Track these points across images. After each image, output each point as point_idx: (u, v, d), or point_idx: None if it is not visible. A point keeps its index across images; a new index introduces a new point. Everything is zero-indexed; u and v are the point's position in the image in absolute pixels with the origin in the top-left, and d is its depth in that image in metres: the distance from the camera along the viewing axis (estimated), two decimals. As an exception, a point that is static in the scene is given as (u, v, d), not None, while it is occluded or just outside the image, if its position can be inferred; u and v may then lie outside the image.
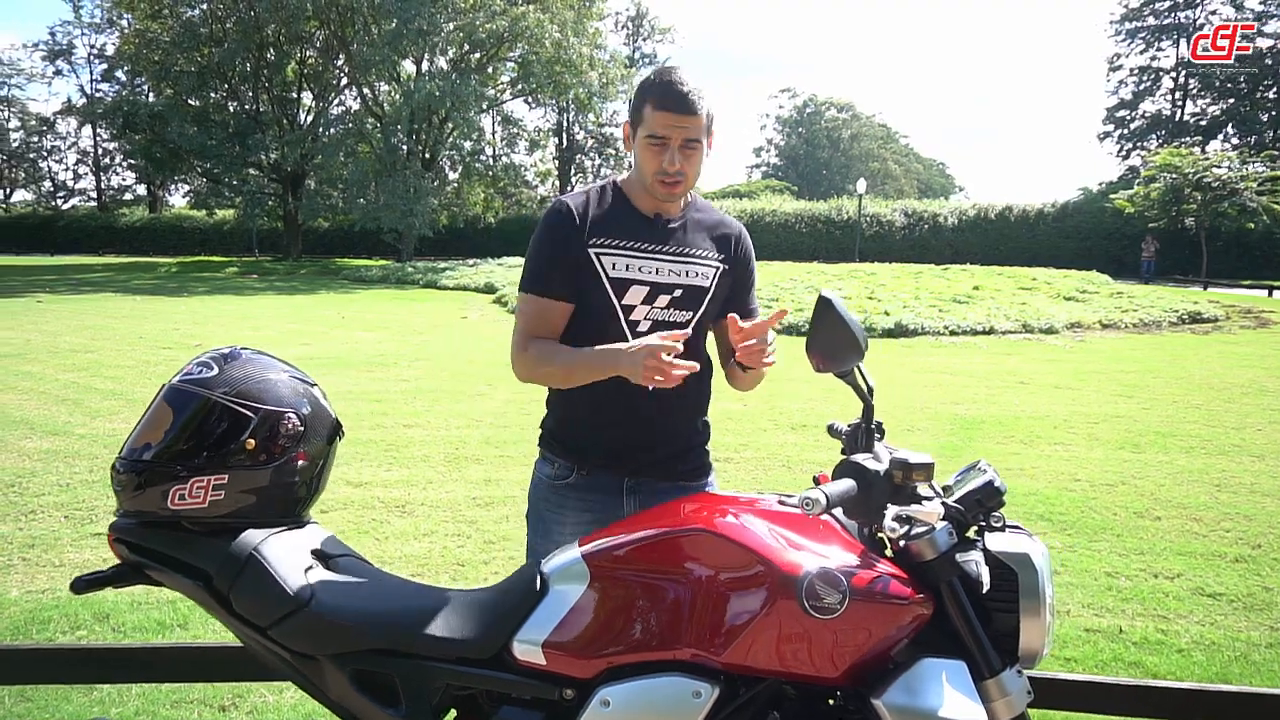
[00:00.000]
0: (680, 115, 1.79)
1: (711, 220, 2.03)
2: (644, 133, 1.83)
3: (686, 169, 1.84)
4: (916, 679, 1.28)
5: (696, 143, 1.83)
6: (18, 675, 2.57)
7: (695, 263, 1.94)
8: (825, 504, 1.22)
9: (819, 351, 1.45)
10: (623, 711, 1.29)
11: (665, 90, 1.80)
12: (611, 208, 1.93)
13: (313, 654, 1.40)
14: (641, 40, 45.94)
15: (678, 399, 1.88)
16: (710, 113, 1.84)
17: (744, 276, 2.03)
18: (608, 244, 1.88)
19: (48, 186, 53.45)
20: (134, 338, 12.69)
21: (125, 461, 1.43)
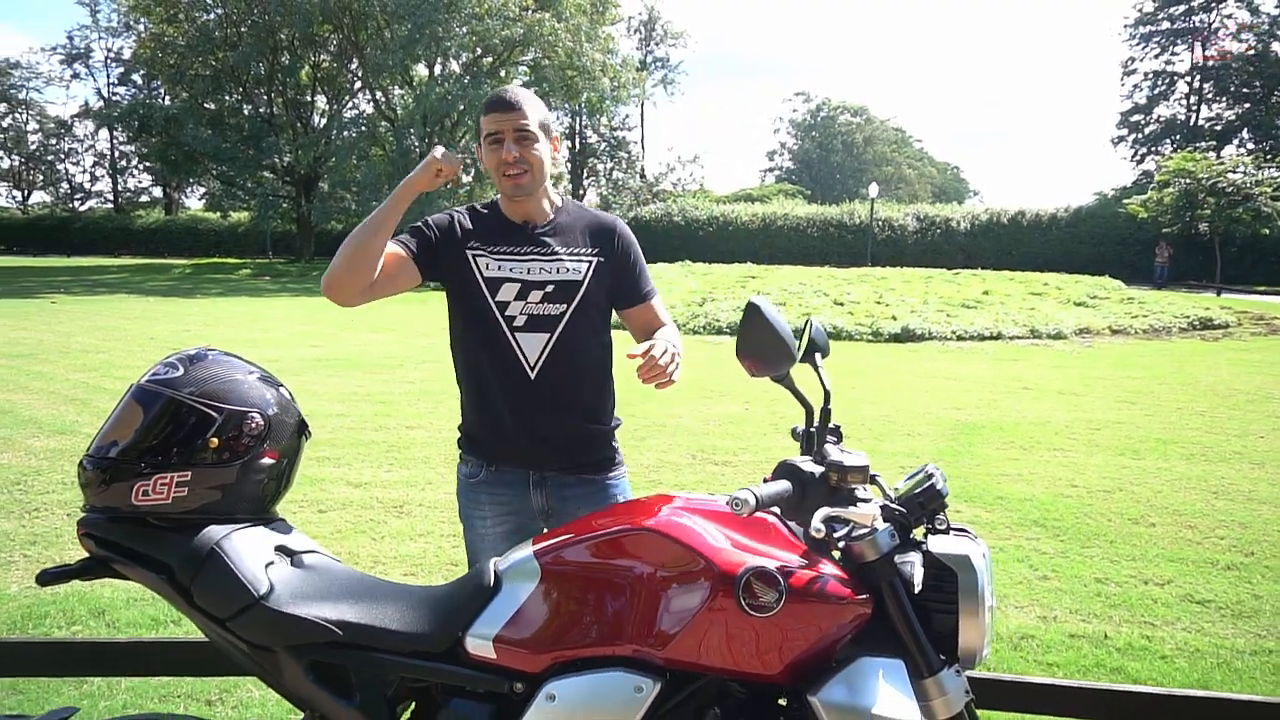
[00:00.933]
0: (505, 112, 1.98)
1: (585, 219, 2.17)
2: (484, 136, 2.02)
3: (526, 157, 1.99)
4: (853, 677, 1.31)
5: (528, 133, 1.99)
6: (11, 668, 2.64)
7: (565, 259, 2.08)
8: (754, 504, 1.25)
9: (749, 356, 1.49)
10: (567, 705, 1.33)
11: (491, 99, 2.03)
12: (487, 219, 2.12)
13: (270, 646, 1.44)
14: (654, 44, 46.06)
15: (565, 390, 2.03)
16: (541, 111, 2.04)
17: (626, 266, 2.16)
18: (481, 248, 2.05)
19: (65, 188, 54.04)
20: (145, 339, 12.83)
21: (92, 459, 1.48)
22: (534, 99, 2.03)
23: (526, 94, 2.02)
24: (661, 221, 36.43)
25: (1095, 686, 2.00)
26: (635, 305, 2.16)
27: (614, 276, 2.11)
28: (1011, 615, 3.76)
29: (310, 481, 5.57)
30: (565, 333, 2.01)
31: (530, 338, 2.00)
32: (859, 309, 14.84)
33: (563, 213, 2.13)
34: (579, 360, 2.05)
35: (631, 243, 2.18)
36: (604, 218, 2.18)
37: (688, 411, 7.82)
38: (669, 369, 1.85)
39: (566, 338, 2.02)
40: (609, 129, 44.21)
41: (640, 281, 2.17)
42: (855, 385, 9.21)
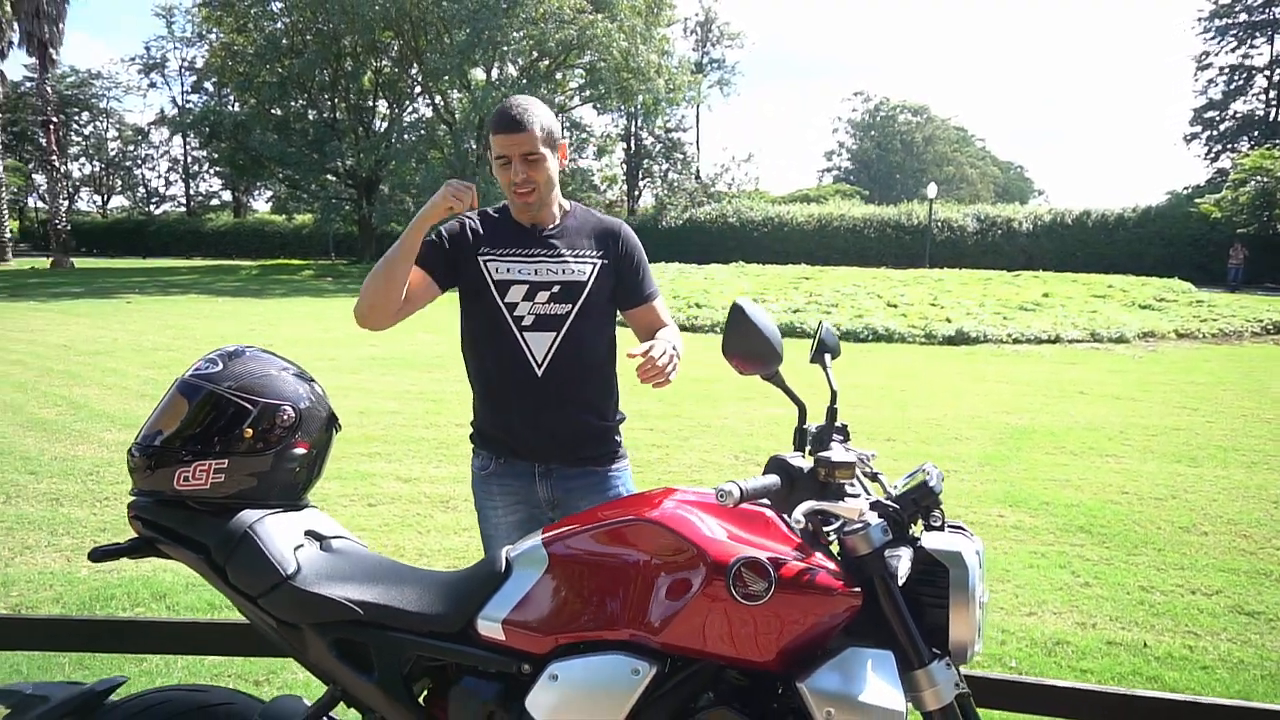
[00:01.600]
0: (513, 134, 2.04)
1: (590, 223, 2.26)
2: (493, 155, 2.10)
3: (534, 177, 2.07)
4: (842, 666, 1.35)
5: (536, 154, 2.06)
6: (81, 644, 2.82)
7: (571, 261, 2.17)
8: (739, 496, 1.30)
9: (736, 355, 1.53)
10: (568, 685, 1.40)
11: (499, 117, 2.06)
12: (498, 224, 2.21)
13: (297, 623, 1.54)
14: (710, 45, 45.96)
15: (571, 387, 2.11)
16: (547, 127, 2.08)
17: (629, 267, 2.24)
18: (492, 253, 2.16)
19: (142, 193, 56.24)
20: (213, 337, 13.32)
21: (139, 446, 1.60)
22: (539, 113, 2.07)
23: (532, 109, 2.06)
24: (716, 223, 36.38)
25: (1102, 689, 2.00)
26: (638, 306, 2.25)
27: (617, 278, 2.20)
28: (1048, 621, 3.72)
29: (362, 476, 5.76)
30: (570, 331, 2.11)
31: (538, 336, 2.10)
32: (913, 311, 14.65)
33: (570, 216, 2.22)
34: (584, 358, 2.14)
35: (635, 245, 2.26)
36: (608, 221, 2.26)
37: (734, 413, 7.85)
38: (667, 369, 1.91)
39: (572, 336, 2.11)
40: (664, 130, 44.27)
41: (643, 283, 2.25)
42: (905, 388, 9.12)
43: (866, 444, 6.58)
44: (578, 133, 39.47)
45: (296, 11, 31.19)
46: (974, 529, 4.77)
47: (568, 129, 39.61)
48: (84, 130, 54.27)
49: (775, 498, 1.41)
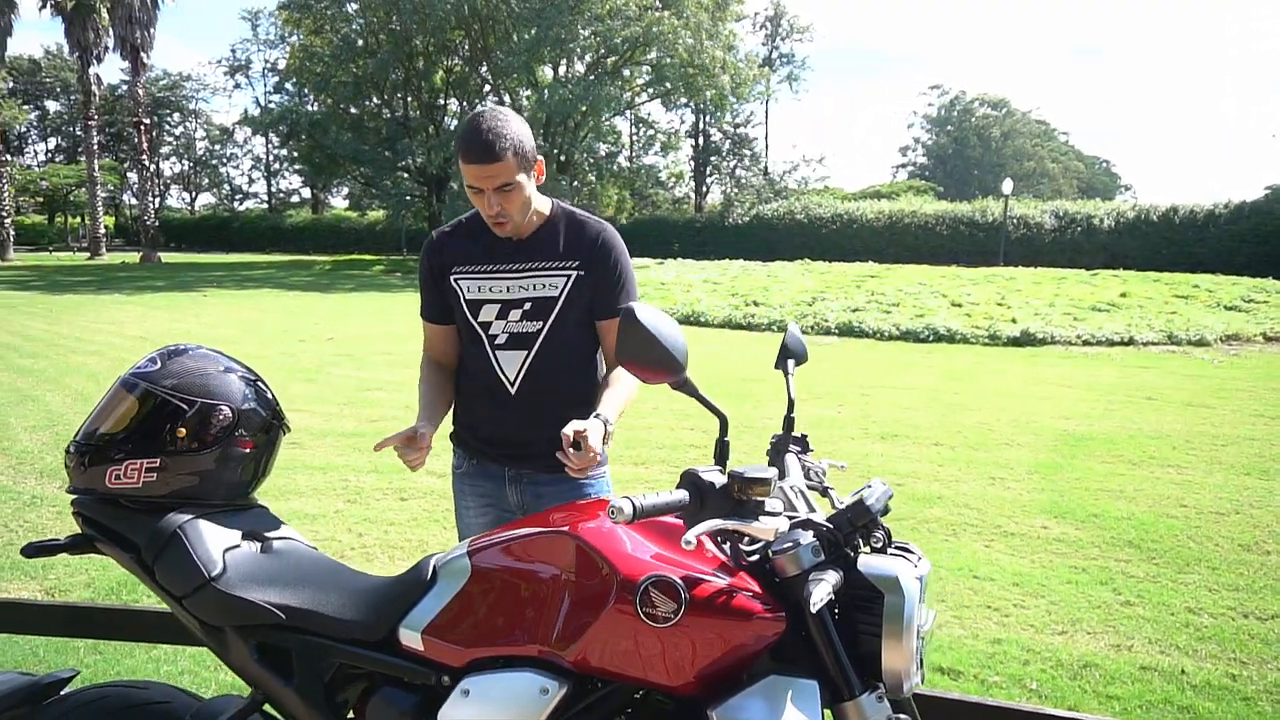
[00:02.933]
0: (484, 165, 1.89)
1: (572, 229, 2.11)
2: (465, 180, 1.97)
3: (508, 208, 1.95)
4: (758, 695, 1.27)
5: (510, 185, 1.92)
6: (100, 632, 2.89)
7: (542, 275, 2.07)
8: (630, 513, 1.22)
9: (631, 364, 1.39)
10: (477, 701, 1.35)
11: (469, 143, 1.89)
12: (472, 235, 2.12)
13: (220, 625, 1.53)
14: (780, 40, 45.38)
15: (546, 399, 2.04)
16: (521, 150, 1.91)
17: (606, 278, 2.09)
18: (464, 270, 2.10)
19: (226, 190, 58.51)
20: (279, 331, 13.74)
21: (76, 443, 1.61)
22: (511, 134, 1.90)
23: (505, 131, 1.89)
24: (784, 220, 35.94)
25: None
26: (608, 319, 2.07)
27: (593, 288, 2.07)
28: (1079, 641, 3.52)
29: (397, 470, 5.82)
30: (542, 350, 2.05)
31: (509, 355, 2.05)
32: (977, 311, 14.18)
33: (549, 223, 2.10)
34: (558, 374, 2.07)
35: (614, 253, 2.10)
36: (590, 226, 2.12)
37: (777, 413, 7.63)
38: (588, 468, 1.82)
39: (543, 354, 2.05)
40: (732, 127, 43.95)
41: (618, 296, 2.09)
42: (959, 391, 8.82)
43: (913, 449, 6.35)
44: (644, 129, 39.48)
45: (370, 12, 31.89)
46: (1014, 540, 4.56)
47: (634, 125, 39.71)
48: (174, 130, 56.76)
49: (686, 515, 1.33)
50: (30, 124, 56.27)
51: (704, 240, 35.34)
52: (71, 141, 54.18)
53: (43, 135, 58.72)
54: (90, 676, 3.06)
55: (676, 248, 33.55)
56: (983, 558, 4.41)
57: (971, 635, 3.56)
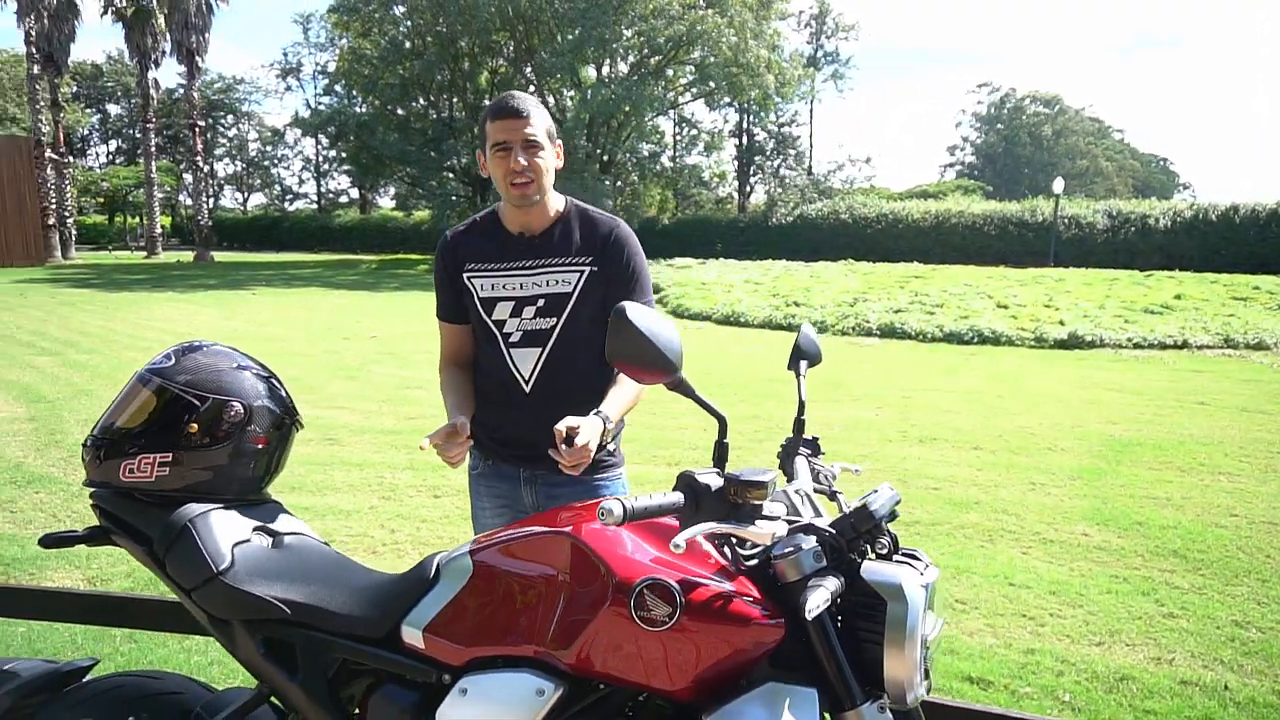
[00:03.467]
0: (513, 119, 1.98)
1: (585, 225, 2.14)
2: (490, 144, 2.01)
3: (533, 165, 1.99)
4: (753, 702, 1.24)
5: (536, 142, 1.99)
6: (135, 622, 2.96)
7: (555, 271, 2.08)
8: (620, 515, 1.20)
9: (622, 363, 1.36)
10: (475, 700, 1.35)
11: (498, 105, 2.01)
12: (485, 233, 2.15)
13: (227, 619, 1.55)
14: (824, 38, 44.95)
15: (561, 396, 2.02)
16: (546, 122, 2.03)
17: (619, 273, 2.09)
18: (477, 268, 2.11)
19: (278, 190, 59.74)
20: (324, 328, 13.97)
21: (93, 437, 1.64)
22: (539, 106, 2.03)
23: (532, 101, 2.03)
24: (828, 220, 35.59)
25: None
26: None
27: (606, 284, 2.07)
28: (1118, 653, 3.42)
29: (432, 468, 5.87)
30: (556, 346, 2.05)
31: (524, 352, 2.05)
32: (1024, 312, 13.87)
33: (562, 219, 2.12)
34: (573, 371, 2.06)
35: (628, 250, 2.11)
36: (603, 223, 2.13)
37: (815, 414, 7.58)
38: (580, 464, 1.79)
39: (557, 351, 2.05)
40: (776, 126, 43.64)
41: (632, 292, 2.09)
42: (1002, 394, 8.64)
43: (952, 453, 6.23)
44: (688, 129, 39.38)
45: (417, 15, 32.33)
46: (1052, 547, 4.45)
47: (677, 125, 39.64)
48: (228, 132, 58.10)
49: (681, 517, 1.30)
50: (92, 127, 58.11)
51: (747, 240, 35.14)
52: (131, 144, 55.77)
53: (104, 138, 60.59)
54: (125, 664, 3.13)
55: (719, 248, 33.41)
56: (1019, 565, 4.30)
57: (1004, 644, 3.48)
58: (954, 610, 3.80)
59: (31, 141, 30.34)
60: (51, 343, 11.85)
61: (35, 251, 29.58)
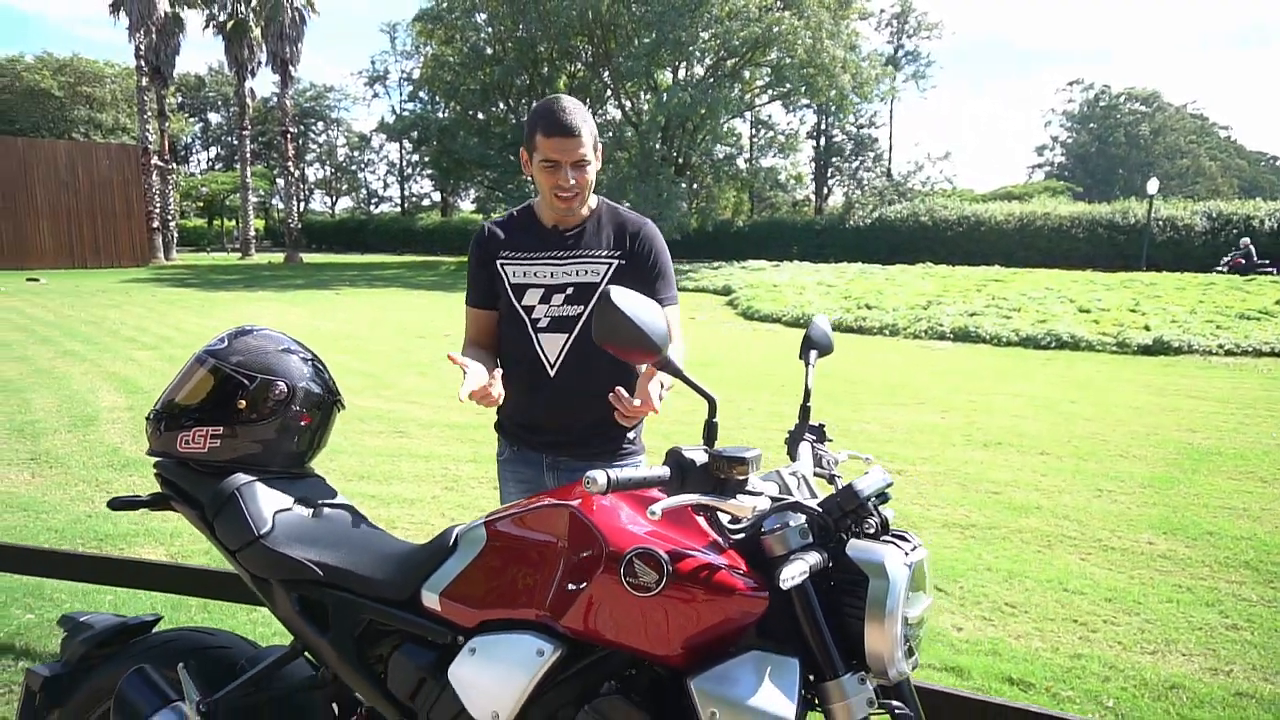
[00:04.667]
0: (567, 139, 2.04)
1: (613, 222, 2.24)
2: (539, 157, 2.09)
3: (581, 182, 2.10)
4: (737, 668, 1.31)
5: (586, 160, 2.08)
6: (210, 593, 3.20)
7: (586, 262, 2.19)
8: (604, 485, 1.28)
9: (608, 344, 1.40)
10: (480, 659, 1.45)
11: (551, 120, 2.04)
12: (520, 226, 2.26)
13: (267, 578, 1.69)
14: (906, 37, 44.10)
15: (582, 386, 2.10)
16: (593, 132, 2.11)
17: (645, 268, 2.21)
18: (511, 256, 2.21)
19: (364, 194, 61.77)
20: (401, 327, 14.43)
21: (155, 411, 1.81)
22: (586, 117, 2.08)
23: (581, 112, 2.07)
24: (907, 222, 34.93)
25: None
26: None
27: (633, 278, 2.16)
28: (1172, 662, 3.33)
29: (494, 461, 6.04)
30: (582, 333, 2.13)
31: (551, 338, 2.14)
32: (1106, 317, 13.38)
33: (594, 216, 2.23)
34: (596, 359, 2.09)
35: (654, 247, 2.21)
36: (631, 220, 2.23)
37: (875, 417, 7.55)
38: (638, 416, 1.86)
39: (584, 337, 2.13)
40: (855, 127, 42.99)
41: (658, 287, 2.20)
42: (1076, 399, 8.39)
43: (1017, 458, 6.12)
44: (764, 131, 39.12)
45: (497, 21, 33.00)
46: (1113, 554, 4.34)
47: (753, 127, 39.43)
48: (318, 138, 60.35)
49: (667, 491, 1.37)
50: (195, 135, 61.13)
51: (823, 243, 34.74)
52: (229, 150, 58.43)
53: (205, 145, 63.69)
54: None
55: (795, 251, 33.13)
56: (1076, 570, 4.21)
57: (1051, 649, 3.42)
58: (1002, 613, 3.76)
59: (139, 149, 32.11)
60: (151, 338, 12.57)
61: (140, 253, 31.29)
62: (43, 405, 7.77)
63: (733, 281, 21.40)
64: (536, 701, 1.41)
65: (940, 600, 3.88)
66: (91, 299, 18.44)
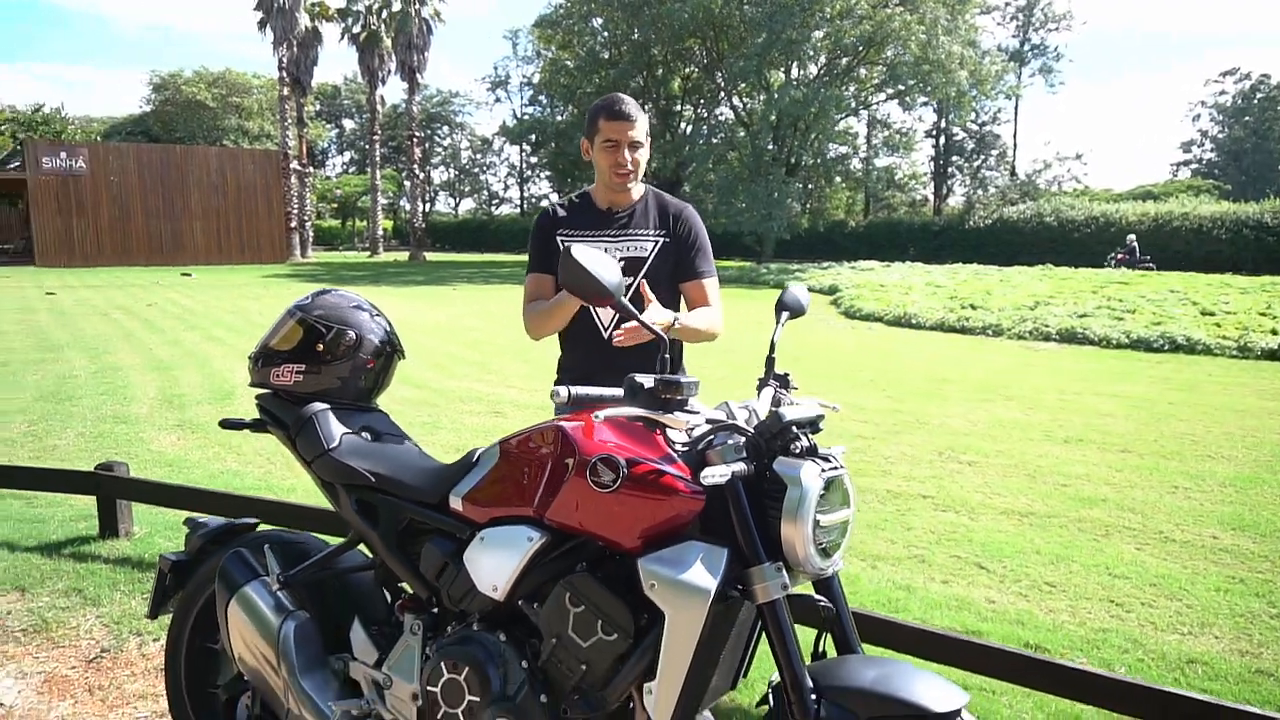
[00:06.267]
0: (624, 122, 2.45)
1: (659, 205, 2.62)
2: (600, 140, 2.48)
3: (635, 160, 2.48)
4: (676, 552, 1.62)
5: (639, 142, 2.47)
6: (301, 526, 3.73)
7: (635, 239, 2.56)
8: (566, 397, 1.61)
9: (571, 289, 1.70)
10: (486, 545, 1.81)
11: (612, 108, 2.46)
12: (577, 208, 2.63)
13: (333, 483, 2.11)
14: (1033, 30, 42.38)
15: (630, 350, 2.34)
16: (646, 123, 2.50)
17: (686, 246, 2.58)
18: (569, 233, 2.57)
19: (485, 196, 64.13)
20: (510, 319, 15.15)
21: (255, 352, 2.26)
22: (640, 109, 2.49)
23: (636, 105, 2.48)
24: (1030, 223, 33.63)
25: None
26: (689, 281, 2.59)
27: (676, 254, 2.54)
28: (1201, 642, 3.40)
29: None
30: (632, 300, 2.41)
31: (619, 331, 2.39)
32: (1230, 320, 12.70)
33: (642, 200, 2.61)
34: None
35: (693, 227, 2.60)
36: (673, 204, 2.62)
37: (959, 412, 7.58)
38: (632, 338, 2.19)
39: (633, 303, 2.36)
40: (976, 125, 41.72)
41: (697, 261, 2.57)
42: (1174, 401, 8.14)
43: (1096, 454, 6.19)
44: (880, 130, 38.48)
45: (613, 25, 33.80)
46: (1172, 546, 4.44)
47: (868, 126, 38.82)
48: (443, 142, 63.04)
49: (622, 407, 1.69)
50: (330, 140, 64.92)
51: (941, 244, 33.89)
52: (361, 155, 61.78)
53: (340, 150, 67.58)
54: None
55: (912, 252, 32.45)
56: (1127, 558, 4.26)
57: (1078, 623, 3.54)
58: (1039, 590, 3.88)
59: (280, 155, 34.58)
60: (284, 326, 13.68)
61: (279, 251, 33.70)
62: (189, 381, 8.72)
63: (840, 281, 21.28)
64: (525, 577, 1.76)
65: (979, 577, 4.03)
66: (235, 291, 20.12)
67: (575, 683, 1.71)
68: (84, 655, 3.12)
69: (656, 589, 1.60)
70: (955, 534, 4.58)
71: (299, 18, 34.28)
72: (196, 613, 2.34)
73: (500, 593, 1.78)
